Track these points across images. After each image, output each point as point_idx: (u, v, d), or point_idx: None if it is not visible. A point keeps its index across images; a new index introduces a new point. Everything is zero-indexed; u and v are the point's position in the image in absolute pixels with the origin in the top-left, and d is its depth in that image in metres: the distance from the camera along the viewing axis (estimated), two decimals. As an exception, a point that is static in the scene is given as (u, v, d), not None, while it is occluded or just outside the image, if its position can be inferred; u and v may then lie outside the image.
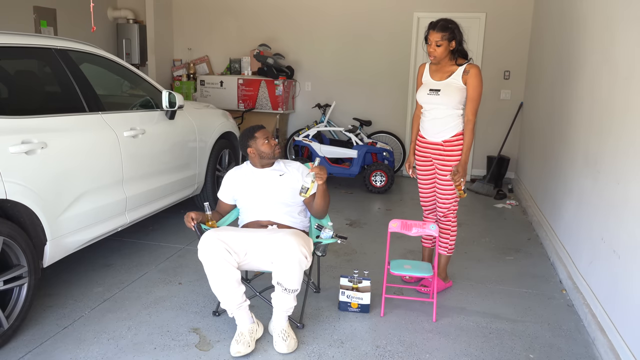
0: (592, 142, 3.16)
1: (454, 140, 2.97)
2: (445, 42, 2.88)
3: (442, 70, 2.99)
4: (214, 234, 2.47)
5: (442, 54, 2.91)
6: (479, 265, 3.68)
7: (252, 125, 2.90)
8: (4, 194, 2.38)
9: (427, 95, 2.99)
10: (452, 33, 2.88)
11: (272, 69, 6.58)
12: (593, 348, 2.63)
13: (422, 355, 2.51)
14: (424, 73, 3.08)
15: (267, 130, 2.89)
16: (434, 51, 2.91)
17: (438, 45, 2.89)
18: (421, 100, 3.05)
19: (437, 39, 2.88)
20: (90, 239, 3.02)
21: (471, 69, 2.91)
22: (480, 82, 2.91)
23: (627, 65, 2.67)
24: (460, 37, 2.92)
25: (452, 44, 2.90)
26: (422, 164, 3.14)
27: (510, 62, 6.38)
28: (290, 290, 2.45)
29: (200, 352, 2.48)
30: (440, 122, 2.98)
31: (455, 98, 2.92)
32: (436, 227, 2.88)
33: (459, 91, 2.92)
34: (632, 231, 2.39)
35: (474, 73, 2.90)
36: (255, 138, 2.82)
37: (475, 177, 6.55)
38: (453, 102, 2.93)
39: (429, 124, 3.03)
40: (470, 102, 2.93)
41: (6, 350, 2.44)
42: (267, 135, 2.83)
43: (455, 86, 2.93)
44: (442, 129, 2.98)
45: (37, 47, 2.89)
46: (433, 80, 3.00)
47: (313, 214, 2.88)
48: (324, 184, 2.71)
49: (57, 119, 2.80)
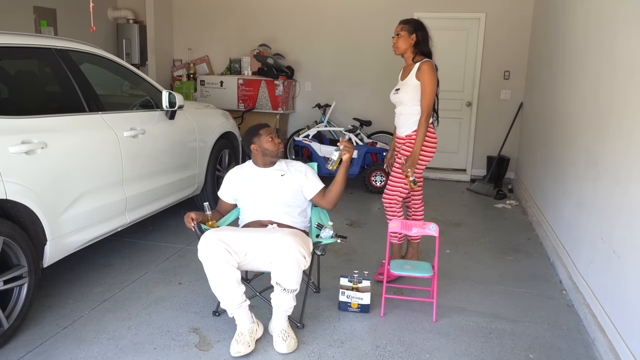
0: (592, 142, 3.16)
1: (414, 135, 3.15)
2: (405, 33, 3.07)
3: (405, 71, 3.20)
4: (214, 234, 2.47)
5: (402, 44, 3.10)
6: (479, 265, 3.68)
7: (258, 124, 2.92)
8: (4, 194, 2.38)
9: (393, 95, 3.25)
10: (413, 27, 3.09)
11: (272, 69, 6.58)
12: (593, 348, 2.63)
13: (422, 355, 2.51)
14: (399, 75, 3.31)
15: (272, 129, 2.90)
16: (395, 42, 3.12)
17: (398, 35, 3.09)
18: (390, 100, 3.30)
19: (398, 29, 3.10)
20: (90, 239, 3.02)
21: (423, 65, 3.06)
22: (431, 77, 3.03)
23: (627, 64, 2.67)
24: (424, 34, 3.10)
25: (413, 37, 3.08)
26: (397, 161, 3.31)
27: (510, 62, 6.38)
28: (289, 290, 2.45)
29: (200, 352, 2.48)
30: (403, 118, 3.20)
31: (412, 96, 3.10)
32: (436, 227, 2.88)
33: (415, 88, 3.09)
34: (632, 231, 2.39)
35: (425, 69, 3.05)
36: (259, 135, 2.83)
37: (475, 177, 6.55)
38: (410, 100, 3.11)
39: (397, 120, 3.27)
40: (422, 96, 3.08)
41: (6, 350, 2.44)
42: (271, 134, 2.84)
43: (411, 84, 3.11)
44: (404, 124, 3.19)
45: (38, 47, 2.89)
46: (400, 80, 3.24)
47: (324, 204, 2.85)
48: (347, 161, 2.76)
49: (57, 119, 2.80)
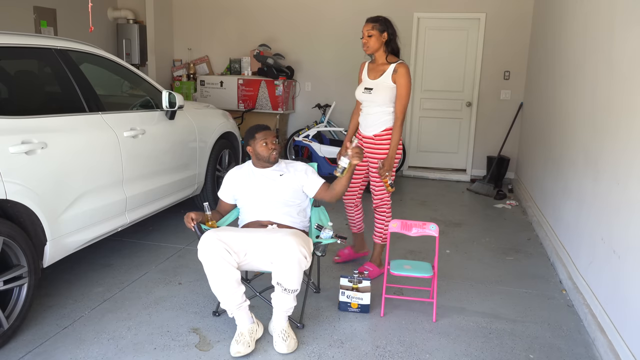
0: (592, 142, 3.16)
1: (384, 135, 3.17)
2: (376, 32, 3.07)
3: (376, 70, 3.19)
4: (214, 234, 2.47)
5: (374, 44, 3.09)
6: (479, 265, 3.68)
7: (258, 125, 2.91)
8: (4, 194, 2.38)
9: (362, 94, 3.22)
10: (383, 25, 3.09)
11: (272, 69, 6.58)
12: (593, 348, 2.63)
13: (422, 355, 2.51)
14: (363, 71, 3.28)
15: (271, 132, 2.88)
16: (367, 42, 3.10)
17: (369, 36, 3.08)
18: (358, 98, 3.27)
19: (368, 28, 3.08)
20: (90, 239, 3.02)
21: (399, 68, 3.09)
22: (407, 80, 3.08)
23: (627, 65, 2.67)
24: (393, 31, 3.13)
25: (384, 36, 3.10)
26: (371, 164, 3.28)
27: (510, 62, 6.38)
28: (290, 291, 2.45)
29: (200, 352, 2.48)
30: (372, 117, 3.19)
31: (385, 96, 3.12)
32: (436, 227, 2.88)
33: (389, 90, 3.11)
34: (632, 231, 2.39)
35: (402, 72, 3.07)
36: (254, 138, 2.83)
37: (475, 177, 6.55)
38: (383, 100, 3.13)
39: (364, 119, 3.25)
40: (398, 99, 3.11)
41: (6, 350, 2.44)
42: (266, 138, 2.81)
43: (385, 85, 3.12)
44: (373, 123, 3.19)
45: (38, 47, 2.89)
46: (369, 79, 3.21)
47: (329, 198, 2.84)
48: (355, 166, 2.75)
49: (57, 119, 2.80)
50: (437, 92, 6.72)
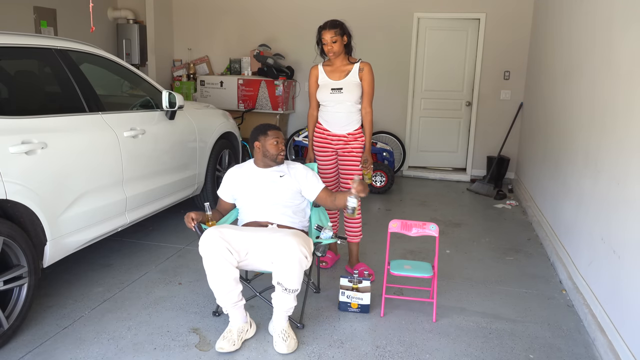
0: (592, 142, 3.16)
1: (357, 133, 3.32)
2: (338, 37, 3.20)
3: (338, 70, 3.29)
4: (217, 231, 2.47)
5: (339, 48, 3.22)
6: (479, 265, 3.68)
7: (269, 123, 2.95)
8: (4, 194, 2.38)
9: (330, 95, 3.28)
10: (342, 29, 3.22)
11: (272, 69, 6.58)
12: (593, 348, 2.63)
13: (422, 356, 2.51)
14: (319, 75, 3.34)
15: (282, 134, 2.91)
16: (332, 47, 3.20)
17: (334, 42, 3.19)
18: (324, 99, 3.32)
19: (332, 35, 3.18)
20: (90, 239, 3.02)
21: (365, 66, 3.26)
22: (373, 77, 3.28)
23: (627, 65, 2.68)
24: (349, 33, 3.26)
25: (345, 39, 3.23)
26: (325, 156, 3.39)
27: (510, 62, 6.38)
28: (291, 290, 2.45)
29: (200, 352, 2.48)
30: (344, 115, 3.29)
31: (357, 94, 3.26)
32: (436, 227, 2.88)
33: (358, 87, 3.26)
34: (632, 231, 2.39)
35: (368, 70, 3.26)
36: (266, 135, 2.84)
37: (475, 177, 6.55)
38: (355, 98, 3.26)
39: (333, 118, 3.32)
40: (366, 95, 3.29)
41: (6, 350, 2.44)
42: (278, 137, 2.85)
43: (355, 84, 3.25)
44: (348, 122, 3.30)
45: (38, 47, 2.89)
46: (332, 80, 3.29)
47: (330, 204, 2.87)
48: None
49: (57, 119, 2.80)
50: (437, 92, 6.72)
